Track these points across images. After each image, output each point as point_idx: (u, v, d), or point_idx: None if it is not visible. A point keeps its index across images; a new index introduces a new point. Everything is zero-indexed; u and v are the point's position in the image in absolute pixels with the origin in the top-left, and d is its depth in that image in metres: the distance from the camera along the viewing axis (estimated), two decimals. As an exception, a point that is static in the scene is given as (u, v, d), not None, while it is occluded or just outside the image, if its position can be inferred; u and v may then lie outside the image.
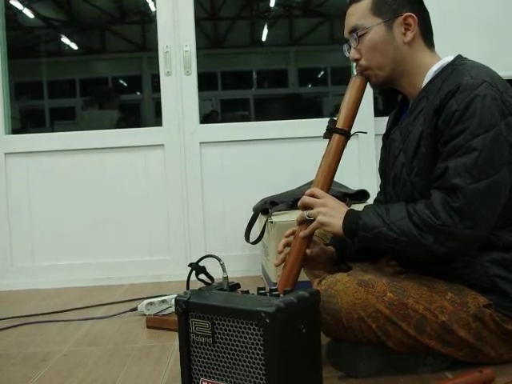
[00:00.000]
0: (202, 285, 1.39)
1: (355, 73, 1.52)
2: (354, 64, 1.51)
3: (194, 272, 1.40)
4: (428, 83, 1.40)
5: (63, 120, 4.89)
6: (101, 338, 1.90)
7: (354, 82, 1.48)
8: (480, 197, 1.25)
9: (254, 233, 2.52)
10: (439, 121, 1.31)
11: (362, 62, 1.45)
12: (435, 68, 1.41)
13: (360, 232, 1.34)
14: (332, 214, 1.38)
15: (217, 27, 5.20)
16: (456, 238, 1.26)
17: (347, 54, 1.49)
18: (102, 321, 2.11)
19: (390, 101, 1.60)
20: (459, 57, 1.42)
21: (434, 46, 1.46)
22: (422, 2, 1.46)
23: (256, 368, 1.17)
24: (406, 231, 1.29)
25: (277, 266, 1.51)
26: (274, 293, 1.23)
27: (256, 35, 5.23)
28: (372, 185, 2.67)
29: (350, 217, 1.37)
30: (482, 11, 2.72)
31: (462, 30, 2.65)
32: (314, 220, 1.40)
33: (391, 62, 1.42)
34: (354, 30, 1.43)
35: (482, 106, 1.26)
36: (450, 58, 1.42)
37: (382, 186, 1.59)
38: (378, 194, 1.68)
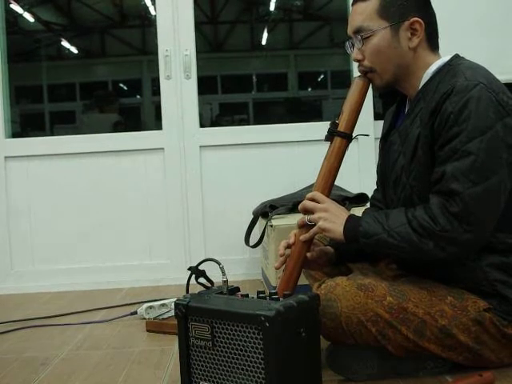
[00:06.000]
0: (201, 288, 1.39)
1: (356, 74, 1.50)
2: (355, 66, 1.49)
3: (193, 276, 1.40)
4: (425, 84, 1.39)
5: (63, 124, 4.90)
6: (100, 342, 1.90)
7: (357, 83, 1.45)
8: (478, 201, 1.24)
9: (254, 236, 2.52)
10: (435, 123, 1.30)
11: (366, 63, 1.42)
12: (433, 68, 1.39)
13: (360, 239, 1.34)
14: (333, 220, 1.38)
15: (217, 31, 5.21)
16: (456, 243, 1.26)
17: (349, 51, 1.46)
18: (101, 324, 2.11)
19: (390, 104, 1.59)
20: (456, 56, 1.40)
21: (438, 47, 1.44)
22: (430, 5, 1.43)
23: (256, 372, 1.17)
24: (405, 237, 1.29)
25: (277, 268, 1.50)
26: (273, 296, 1.23)
27: (256, 39, 5.24)
28: (371, 188, 2.65)
29: (351, 223, 1.36)
30: (483, 13, 2.72)
31: (462, 32, 2.65)
32: (315, 225, 1.40)
33: (395, 66, 1.40)
34: (358, 31, 1.40)
35: (477, 109, 1.25)
36: (446, 58, 1.40)
37: (382, 190, 1.58)
38: (374, 192, 1.68)
